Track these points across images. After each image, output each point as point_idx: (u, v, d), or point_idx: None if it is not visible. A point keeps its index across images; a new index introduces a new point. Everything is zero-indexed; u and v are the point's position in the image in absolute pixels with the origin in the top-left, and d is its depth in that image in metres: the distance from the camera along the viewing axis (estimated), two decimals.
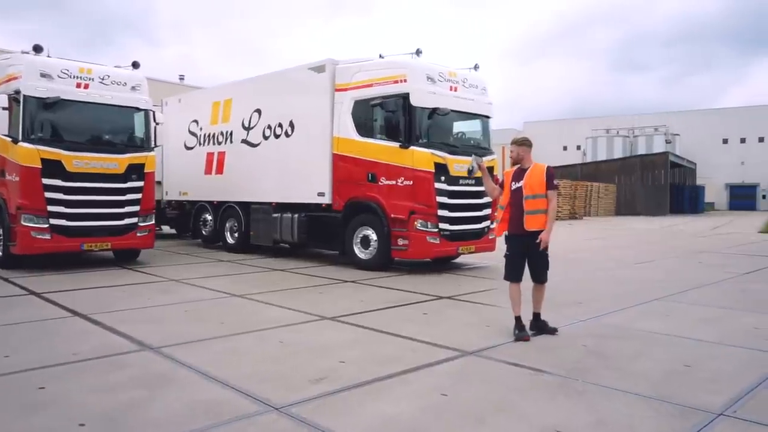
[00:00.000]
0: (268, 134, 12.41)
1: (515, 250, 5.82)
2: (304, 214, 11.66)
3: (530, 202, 5.70)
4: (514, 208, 5.80)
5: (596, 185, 41.49)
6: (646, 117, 65.44)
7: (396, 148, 9.91)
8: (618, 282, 9.37)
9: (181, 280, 9.28)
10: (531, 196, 5.71)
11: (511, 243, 5.86)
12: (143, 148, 11.11)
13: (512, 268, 5.81)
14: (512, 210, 5.82)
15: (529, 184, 5.74)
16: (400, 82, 10.00)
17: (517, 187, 5.78)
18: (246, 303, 7.43)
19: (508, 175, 5.91)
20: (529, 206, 5.69)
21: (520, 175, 5.82)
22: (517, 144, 5.90)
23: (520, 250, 5.78)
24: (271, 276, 9.89)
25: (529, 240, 5.72)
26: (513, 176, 5.86)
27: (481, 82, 11.06)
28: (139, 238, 10.97)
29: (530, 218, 5.69)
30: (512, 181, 5.84)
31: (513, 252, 5.83)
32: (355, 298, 7.75)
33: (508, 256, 5.88)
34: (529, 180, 5.75)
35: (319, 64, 11.21)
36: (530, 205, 5.69)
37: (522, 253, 5.78)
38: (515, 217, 5.77)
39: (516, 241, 5.80)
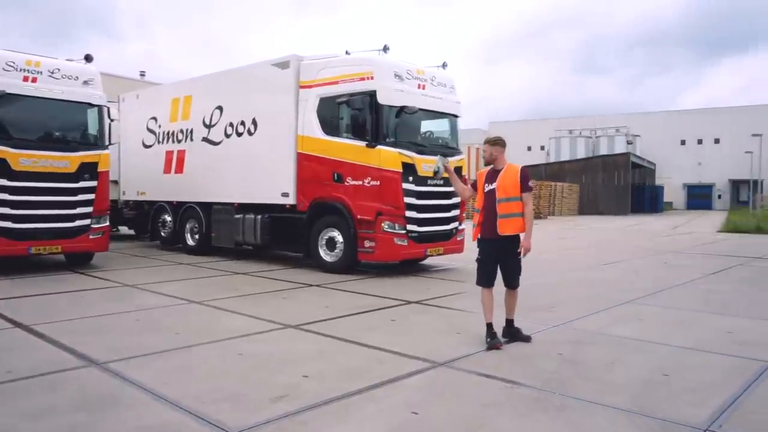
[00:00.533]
0: (230, 132, 11.95)
1: (487, 254, 5.57)
2: (267, 215, 11.26)
3: (504, 206, 5.46)
4: (486, 211, 5.54)
5: (560, 185, 41.98)
6: (608, 118, 66.66)
7: (362, 148, 9.61)
8: (588, 284, 9.27)
9: (136, 285, 8.80)
10: (504, 199, 5.47)
11: (484, 247, 5.61)
12: (96, 145, 10.54)
13: (484, 273, 5.57)
14: (485, 213, 5.55)
15: (502, 186, 5.49)
16: (366, 79, 9.70)
17: (489, 190, 5.52)
18: (204, 310, 7.03)
19: (481, 176, 5.66)
20: (502, 209, 5.44)
21: (493, 177, 5.56)
22: (491, 143, 5.66)
23: (492, 254, 5.54)
24: (233, 280, 9.48)
25: (502, 244, 5.50)
26: (486, 177, 5.61)
27: (449, 81, 10.84)
28: (91, 240, 10.41)
29: (504, 222, 5.44)
30: (485, 182, 5.60)
31: (485, 256, 5.58)
32: (321, 303, 7.43)
33: (480, 260, 5.63)
34: (503, 182, 5.50)
35: (283, 60, 10.82)
36: (504, 209, 5.45)
37: (494, 258, 5.55)
38: (488, 221, 5.51)
39: (488, 245, 5.55)
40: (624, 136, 60.55)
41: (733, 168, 61.07)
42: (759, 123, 53.94)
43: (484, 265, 5.58)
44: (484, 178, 5.61)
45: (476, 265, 5.66)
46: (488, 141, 5.69)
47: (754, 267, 11.70)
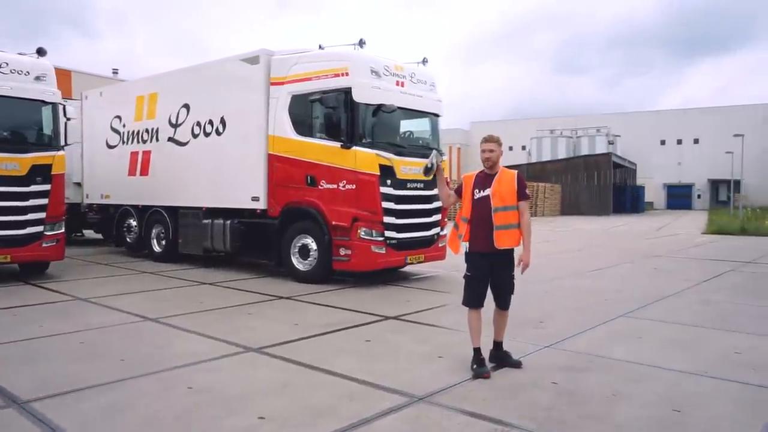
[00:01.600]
0: (197, 132, 11.22)
1: (479, 271, 4.90)
2: (237, 220, 10.56)
3: (501, 215, 4.81)
4: (478, 221, 4.86)
5: (542, 185, 41.72)
6: (589, 118, 66.78)
7: (337, 149, 8.97)
8: (577, 294, 8.73)
9: (90, 298, 8.06)
10: (501, 207, 4.82)
11: (474, 262, 4.93)
12: (50, 146, 9.75)
13: (474, 292, 4.90)
14: (475, 224, 4.89)
15: (498, 193, 4.83)
16: (341, 75, 9.06)
17: (482, 197, 4.86)
18: (159, 330, 6.33)
19: (469, 180, 5.00)
20: (499, 220, 4.80)
21: (485, 182, 4.90)
22: (497, 142, 4.99)
23: (485, 270, 4.89)
24: (197, 292, 8.77)
25: (497, 259, 4.88)
26: (475, 182, 4.94)
27: (430, 78, 10.24)
28: (44, 249, 9.62)
29: (501, 234, 4.80)
30: (474, 188, 4.94)
31: (476, 273, 4.91)
32: (289, 320, 6.76)
33: (469, 277, 4.94)
34: (499, 188, 4.85)
35: (253, 54, 10.13)
36: (501, 219, 4.81)
37: (486, 275, 4.91)
38: (480, 233, 4.85)
39: (480, 261, 4.89)
40: (605, 136, 60.69)
41: (712, 168, 61.48)
42: (738, 123, 54.32)
43: (474, 283, 4.91)
44: (473, 183, 4.96)
45: (463, 282, 5.00)
46: (492, 139, 4.99)
47: (745, 273, 11.27)
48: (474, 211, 4.91)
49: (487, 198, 4.86)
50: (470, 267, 4.94)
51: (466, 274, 4.96)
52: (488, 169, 4.95)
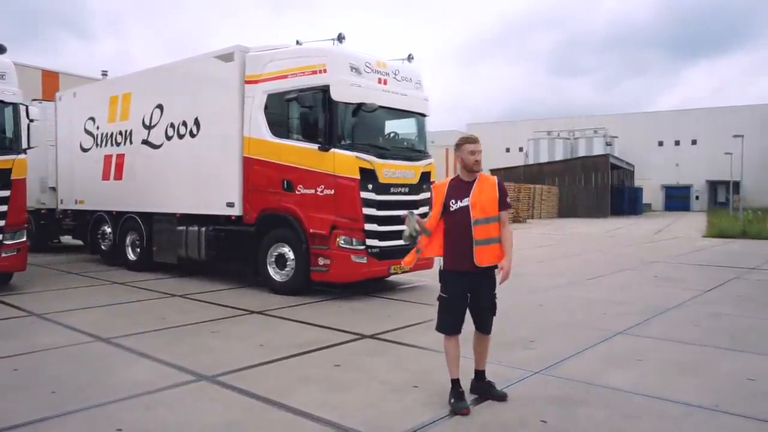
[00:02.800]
0: (171, 134, 10.60)
1: (456, 292, 4.26)
2: (212, 227, 9.94)
3: (482, 229, 4.18)
4: (456, 235, 4.23)
5: (539, 187, 41.11)
6: (586, 119, 66.38)
7: (314, 151, 8.36)
8: (571, 306, 8.11)
9: (45, 313, 7.44)
10: (483, 219, 4.18)
11: (451, 282, 4.29)
12: (10, 149, 9.14)
13: (451, 316, 4.27)
14: (453, 238, 4.25)
15: (479, 202, 4.19)
16: (319, 72, 8.46)
17: (460, 207, 4.22)
18: (107, 353, 5.71)
19: (440, 189, 4.35)
20: (480, 234, 4.17)
21: (462, 190, 4.26)
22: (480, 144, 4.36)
23: (462, 291, 4.26)
24: (163, 306, 8.14)
25: (477, 278, 4.25)
26: (449, 191, 4.30)
27: (416, 75, 9.63)
28: (3, 259, 8.99)
29: (483, 250, 4.18)
30: (449, 198, 4.28)
31: (453, 295, 4.26)
32: (255, 340, 6.15)
33: (445, 300, 4.29)
34: (479, 197, 4.21)
35: (227, 51, 9.52)
36: (482, 233, 4.18)
37: (464, 296, 4.27)
38: (458, 248, 4.22)
39: (458, 280, 4.25)
40: (602, 137, 60.15)
41: (710, 169, 61.00)
42: (736, 124, 53.89)
43: (451, 305, 4.27)
44: (446, 192, 4.32)
45: (438, 305, 4.38)
46: (475, 140, 4.34)
47: (751, 281, 10.67)
48: (450, 224, 4.26)
49: (466, 209, 4.22)
50: (446, 287, 4.30)
51: (441, 295, 4.32)
52: (466, 175, 4.33)
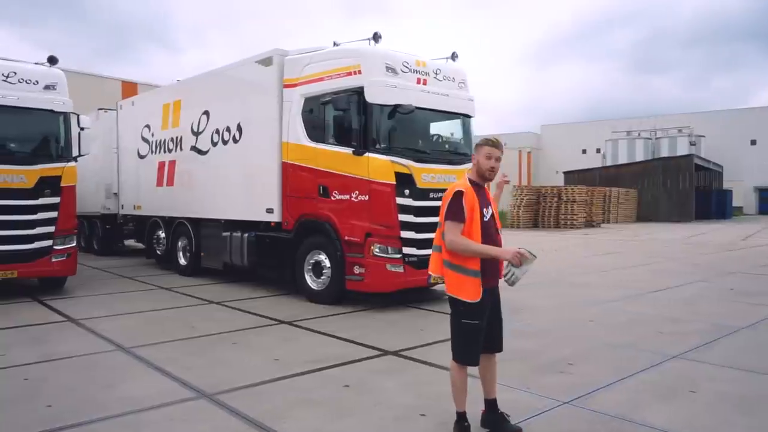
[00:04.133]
0: (216, 140, 10.63)
1: (487, 312, 3.73)
2: (253, 233, 9.84)
3: (500, 239, 3.87)
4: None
5: (615, 190, 39.09)
6: (669, 118, 62.67)
7: (349, 155, 8.05)
8: (625, 323, 7.36)
9: (82, 319, 7.54)
10: (499, 229, 3.92)
11: (484, 303, 3.68)
12: (60, 157, 9.40)
13: (477, 344, 3.72)
14: None
15: (495, 211, 3.90)
16: (353, 74, 8.15)
17: (491, 215, 3.78)
18: (122, 364, 5.61)
19: (470, 195, 3.68)
20: (502, 243, 3.85)
21: (483, 197, 3.77)
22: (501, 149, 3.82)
23: (487, 312, 3.75)
24: (197, 314, 8.06)
25: (497, 293, 3.89)
26: (478, 198, 3.69)
27: (460, 74, 9.13)
28: (54, 264, 9.26)
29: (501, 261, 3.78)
30: (481, 205, 3.69)
31: (483, 316, 3.70)
32: (273, 353, 5.88)
33: (473, 326, 3.66)
34: (495, 205, 3.95)
35: (266, 55, 9.40)
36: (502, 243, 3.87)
37: (486, 318, 3.76)
38: (490, 263, 3.71)
39: (486, 300, 3.70)
40: (687, 137, 56.62)
41: None
42: None
43: (480, 331, 3.70)
44: (477, 198, 3.69)
45: (460, 332, 3.74)
46: (496, 143, 3.78)
47: None
48: (482, 235, 3.66)
49: (493, 217, 3.81)
50: (478, 311, 3.67)
51: (469, 322, 3.68)
52: (481, 180, 3.82)
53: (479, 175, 3.78)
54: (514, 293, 9.53)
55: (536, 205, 31.48)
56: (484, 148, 3.75)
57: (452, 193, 3.66)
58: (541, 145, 71.02)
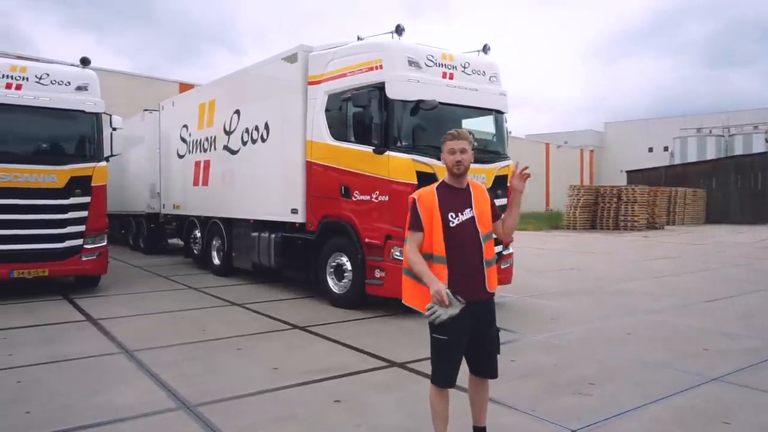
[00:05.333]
0: (246, 139, 10.53)
1: (458, 329, 3.28)
2: (280, 234, 9.66)
3: (488, 246, 3.35)
4: (460, 257, 3.28)
5: (681, 190, 37.04)
6: (744, 114, 59.08)
7: (370, 154, 7.71)
8: (664, 339, 6.66)
9: (101, 319, 7.54)
10: (486, 235, 3.35)
11: (452, 320, 3.27)
12: (91, 157, 9.50)
13: (451, 363, 3.32)
14: (456, 261, 3.27)
15: (482, 214, 3.35)
16: (375, 69, 7.80)
17: (464, 221, 3.32)
18: (118, 368, 5.48)
19: (429, 200, 3.35)
20: (488, 252, 3.35)
21: (459, 200, 3.35)
22: (467, 141, 3.37)
23: (465, 330, 3.30)
24: (214, 316, 7.91)
25: (483, 309, 3.36)
26: (441, 202, 3.35)
27: (491, 68, 8.62)
28: (84, 262, 9.36)
29: (492, 272, 3.36)
30: (446, 210, 3.32)
31: (455, 333, 3.27)
32: (275, 361, 5.61)
33: (443, 342, 3.29)
34: (480, 207, 3.37)
35: (291, 52, 9.19)
36: (489, 251, 3.36)
37: (466, 336, 3.33)
38: (466, 273, 3.29)
39: (462, 315, 3.23)
40: (764, 133, 53.10)
41: None
42: None
43: (452, 349, 3.32)
44: (438, 203, 3.35)
45: (431, 347, 3.39)
46: (465, 136, 3.36)
47: None
48: (453, 243, 3.28)
49: (472, 222, 3.33)
50: (446, 327, 3.24)
51: (437, 337, 3.31)
52: (455, 181, 3.43)
53: (449, 173, 3.39)
54: (549, 300, 9.05)
55: (594, 206, 30.18)
56: (445, 144, 3.39)
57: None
58: (604, 144, 68.46)
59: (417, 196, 3.41)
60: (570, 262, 14.25)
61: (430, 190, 3.42)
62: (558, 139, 62.42)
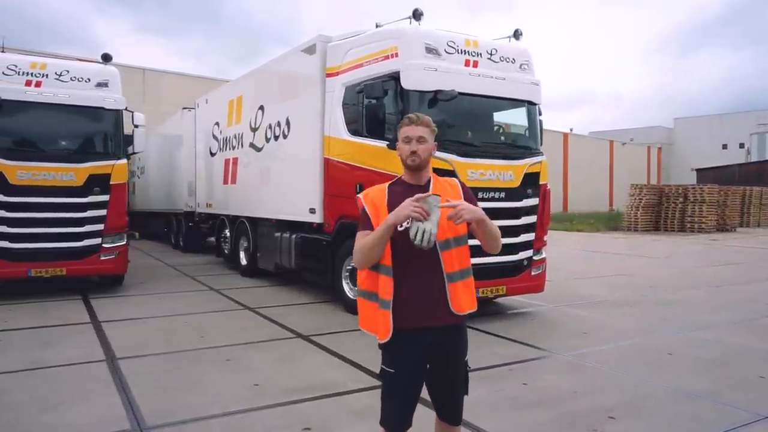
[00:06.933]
0: (269, 136, 10.14)
1: (410, 362, 2.66)
2: (300, 235, 9.22)
3: (453, 255, 2.64)
4: (410, 269, 2.63)
5: (758, 190, 34.39)
6: None
7: (383, 149, 7.11)
8: (712, 362, 5.74)
9: (106, 321, 7.31)
10: (453, 240, 2.64)
11: (403, 348, 2.64)
12: (110, 155, 9.34)
13: (399, 401, 2.69)
14: (406, 274, 2.62)
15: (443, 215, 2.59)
16: (390, 57, 7.20)
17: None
18: (95, 378, 5.11)
19: (378, 201, 2.74)
20: (452, 263, 2.64)
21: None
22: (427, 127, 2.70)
23: (419, 362, 2.67)
24: (221, 321, 7.51)
25: (443, 338, 2.67)
26: (391, 202, 2.68)
27: (522, 55, 7.84)
28: (103, 262, 9.22)
29: (459, 289, 2.65)
30: (393, 210, 2.63)
31: (406, 367, 2.66)
32: (259, 376, 5.12)
33: (391, 376, 2.67)
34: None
35: (310, 43, 8.71)
36: (455, 261, 2.65)
37: (422, 370, 2.69)
38: (419, 290, 2.64)
39: (413, 344, 2.64)
40: None
41: None
42: None
43: (401, 385, 2.68)
44: (387, 203, 2.70)
45: (381, 385, 2.76)
46: (424, 122, 2.70)
47: None
48: (400, 252, 2.62)
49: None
50: (393, 357, 2.67)
51: (384, 369, 2.70)
52: (412, 176, 2.79)
53: (404, 166, 2.76)
54: (587, 310, 8.17)
55: (658, 206, 28.36)
56: (401, 129, 2.73)
57: None
58: (673, 141, 65.00)
59: (363, 195, 2.81)
60: (621, 267, 13.16)
61: (381, 188, 2.80)
62: (624, 137, 59.68)
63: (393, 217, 2.51)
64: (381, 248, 2.59)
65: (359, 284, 2.79)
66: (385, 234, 2.54)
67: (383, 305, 2.63)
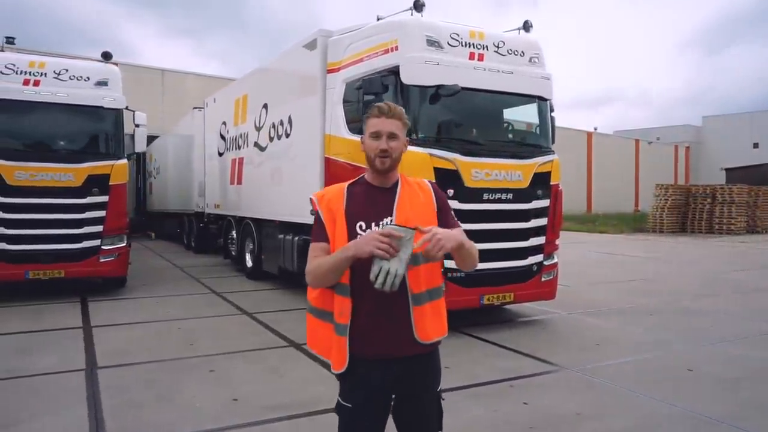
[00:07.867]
0: (272, 135, 9.85)
1: (370, 395, 2.27)
2: (302, 237, 8.90)
3: (420, 273, 2.24)
4: (367, 287, 2.14)
5: None
6: None
7: None
8: (737, 381, 5.26)
9: (98, 326, 7.14)
10: (421, 255, 2.17)
11: (360, 380, 2.27)
12: (110, 155, 9.15)
13: None
14: (364, 295, 2.22)
15: (406, 223, 2.15)
16: (390, 51, 6.83)
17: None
18: (68, 389, 4.84)
19: (335, 205, 2.32)
20: (418, 283, 2.24)
21: (377, 203, 2.30)
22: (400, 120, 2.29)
23: (382, 394, 2.29)
24: (214, 327, 7.23)
25: (409, 369, 2.29)
26: (350, 208, 2.31)
27: (532, 47, 7.40)
28: (102, 264, 9.02)
29: (426, 313, 2.26)
30: (354, 218, 2.29)
31: (364, 401, 2.27)
32: (241, 390, 4.81)
33: (347, 411, 2.29)
34: (409, 212, 2.27)
35: (311, 38, 8.38)
36: (421, 280, 2.25)
37: (383, 405, 2.31)
38: (378, 314, 2.24)
39: (374, 375, 2.26)
40: None
41: None
42: None
43: (358, 423, 2.28)
44: (346, 209, 2.31)
45: (338, 423, 2.35)
46: (397, 114, 2.28)
47: None
48: (359, 268, 2.18)
49: None
50: (351, 390, 2.30)
51: (341, 404, 2.33)
52: (377, 178, 2.39)
53: (369, 166, 2.36)
54: (601, 319, 7.69)
55: (684, 207, 27.48)
56: (368, 121, 2.32)
57: None
58: (701, 139, 63.35)
59: (318, 197, 2.39)
60: (642, 271, 12.58)
61: (339, 188, 2.39)
62: (650, 135, 58.36)
63: (353, 249, 2.10)
64: (337, 276, 2.21)
65: (310, 300, 2.43)
66: (344, 264, 2.15)
67: (339, 330, 2.26)
